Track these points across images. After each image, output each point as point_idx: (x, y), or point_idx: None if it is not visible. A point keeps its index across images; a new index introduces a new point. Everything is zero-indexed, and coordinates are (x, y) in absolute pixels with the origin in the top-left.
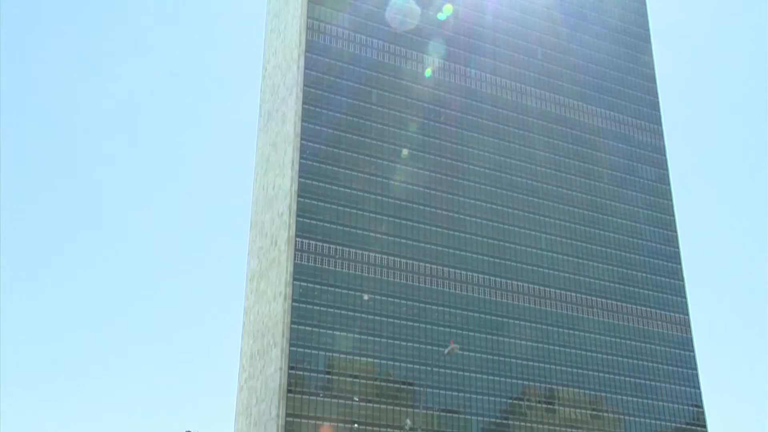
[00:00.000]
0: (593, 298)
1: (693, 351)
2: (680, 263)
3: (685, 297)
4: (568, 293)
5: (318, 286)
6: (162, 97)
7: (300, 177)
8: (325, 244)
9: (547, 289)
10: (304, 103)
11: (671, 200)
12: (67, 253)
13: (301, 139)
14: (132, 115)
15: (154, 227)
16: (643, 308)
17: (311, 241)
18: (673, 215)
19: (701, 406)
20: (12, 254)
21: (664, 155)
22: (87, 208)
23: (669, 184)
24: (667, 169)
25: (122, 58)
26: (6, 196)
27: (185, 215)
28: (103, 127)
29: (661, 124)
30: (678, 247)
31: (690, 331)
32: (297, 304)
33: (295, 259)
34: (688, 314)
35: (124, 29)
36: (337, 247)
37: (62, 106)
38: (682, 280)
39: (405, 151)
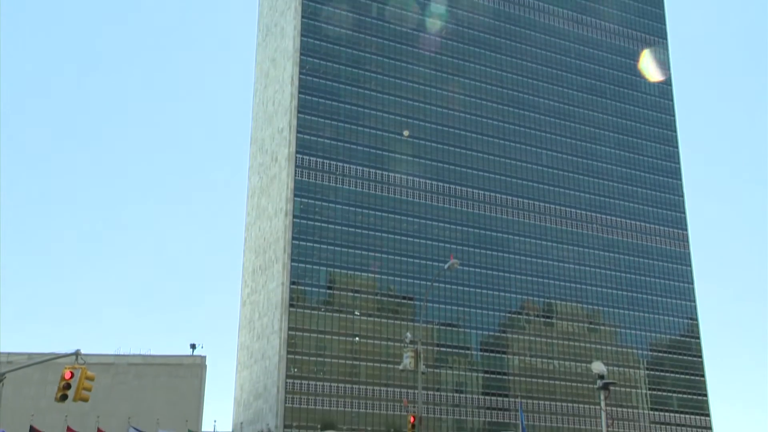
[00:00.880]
0: (593, 214)
1: (690, 265)
2: (680, 179)
3: (684, 212)
4: (568, 209)
5: (319, 203)
6: (158, 12)
7: (300, 93)
8: (325, 161)
9: (547, 204)
10: (303, 17)
11: (673, 116)
12: (67, 166)
13: (301, 54)
14: (129, 29)
15: (154, 143)
16: (643, 224)
17: (312, 158)
18: (675, 131)
19: (696, 319)
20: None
21: (668, 69)
22: (86, 118)
23: (672, 99)
24: (670, 84)
25: None
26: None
27: (185, 131)
28: (101, 35)
29: (666, 38)
30: (679, 163)
31: (688, 246)
32: (298, 220)
33: (295, 176)
34: (686, 229)
35: None
36: (338, 163)
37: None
38: (682, 195)
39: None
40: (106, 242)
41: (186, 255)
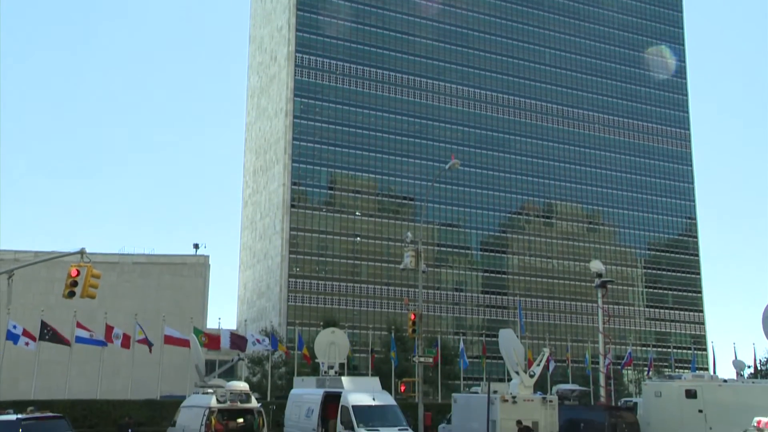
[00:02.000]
0: (594, 114)
1: (691, 165)
2: (685, 77)
3: (687, 112)
4: (570, 109)
5: (319, 102)
6: None
7: None
8: (325, 60)
9: (549, 104)
10: None
11: (681, 11)
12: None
13: None
14: None
15: (153, 42)
16: (645, 123)
17: (312, 57)
18: (682, 27)
19: (694, 218)
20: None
21: None
22: (87, 19)
23: None
24: None
25: None
26: None
27: (182, 30)
28: None
29: None
30: (684, 62)
31: (690, 146)
32: (298, 121)
33: (295, 75)
34: (689, 129)
35: None
36: (338, 62)
37: None
38: (686, 94)
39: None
40: (109, 143)
41: (187, 155)
